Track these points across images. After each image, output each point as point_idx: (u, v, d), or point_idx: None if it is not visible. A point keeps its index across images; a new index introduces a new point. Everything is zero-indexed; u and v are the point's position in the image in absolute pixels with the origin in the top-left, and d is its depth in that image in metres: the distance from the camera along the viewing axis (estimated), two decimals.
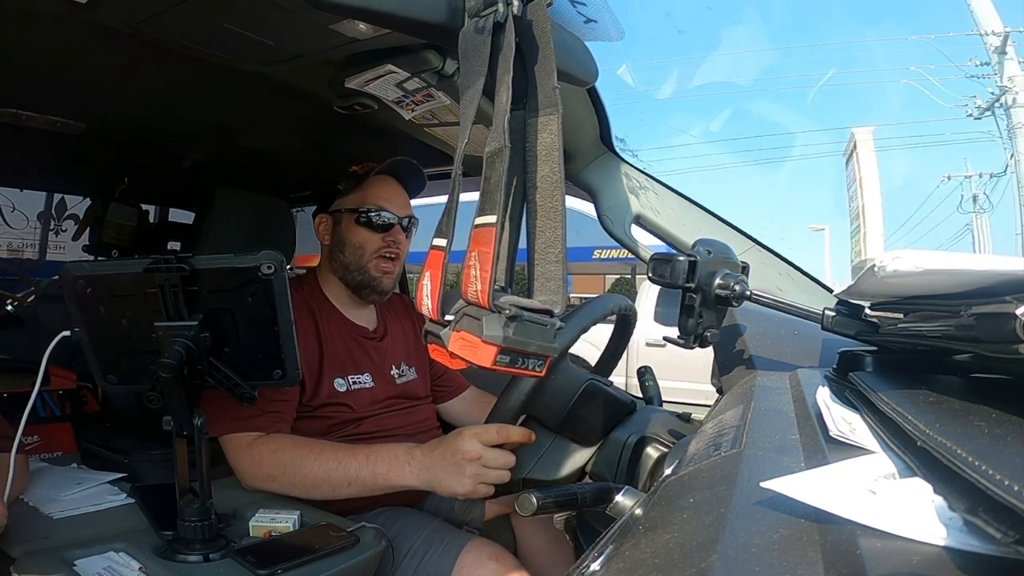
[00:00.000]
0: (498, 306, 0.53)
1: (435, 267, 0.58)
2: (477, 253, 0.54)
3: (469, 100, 0.59)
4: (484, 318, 0.53)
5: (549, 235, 0.58)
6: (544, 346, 0.55)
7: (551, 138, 0.59)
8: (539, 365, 0.56)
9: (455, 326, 0.56)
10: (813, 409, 0.55)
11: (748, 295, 0.79)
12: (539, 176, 0.59)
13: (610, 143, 1.30)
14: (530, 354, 0.55)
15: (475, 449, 0.90)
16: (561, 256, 0.57)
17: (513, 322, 0.53)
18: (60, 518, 0.90)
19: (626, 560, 0.38)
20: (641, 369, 1.17)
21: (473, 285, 0.54)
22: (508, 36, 0.59)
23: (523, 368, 0.55)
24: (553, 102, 0.59)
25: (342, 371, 1.20)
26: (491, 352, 0.53)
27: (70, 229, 2.16)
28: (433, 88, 1.03)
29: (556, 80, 0.60)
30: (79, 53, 0.99)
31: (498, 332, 0.52)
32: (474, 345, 0.54)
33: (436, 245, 0.58)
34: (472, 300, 0.55)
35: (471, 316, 0.55)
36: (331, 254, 1.28)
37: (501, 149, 0.55)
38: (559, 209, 0.58)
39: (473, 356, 0.54)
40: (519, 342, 0.53)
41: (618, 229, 1.26)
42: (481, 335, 0.53)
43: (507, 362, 0.54)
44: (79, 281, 0.81)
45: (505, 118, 0.56)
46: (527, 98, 0.61)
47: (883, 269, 0.42)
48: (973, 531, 0.27)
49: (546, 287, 0.57)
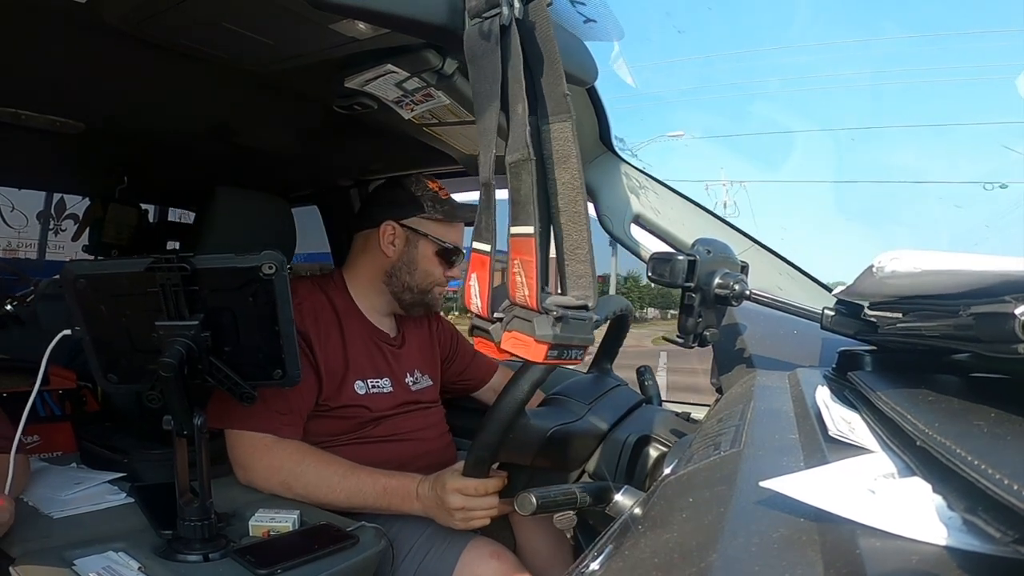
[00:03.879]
0: (546, 308, 0.59)
1: (481, 269, 0.64)
2: (520, 261, 0.60)
3: (487, 107, 0.62)
4: (535, 320, 0.59)
5: (576, 237, 0.62)
6: (584, 338, 0.60)
7: (567, 146, 0.62)
8: (579, 354, 0.62)
9: (507, 326, 0.62)
10: (812, 408, 0.55)
11: (748, 294, 0.79)
12: (560, 183, 0.63)
13: (610, 143, 1.30)
14: (573, 347, 0.60)
15: (457, 502, 0.95)
16: (589, 255, 0.62)
17: (560, 322, 0.58)
18: (60, 517, 0.90)
19: (626, 559, 0.38)
20: (641, 369, 1.17)
21: (520, 291, 0.60)
22: (514, 41, 0.61)
23: (567, 359, 0.61)
24: (565, 108, 0.62)
25: (363, 374, 1.20)
26: (543, 349, 0.59)
27: (70, 229, 2.16)
28: (433, 88, 1.03)
29: (566, 86, 0.62)
30: (79, 53, 0.99)
31: (548, 331, 0.59)
32: (527, 344, 0.60)
33: (479, 249, 0.64)
34: (520, 303, 0.61)
35: (521, 318, 0.61)
36: (393, 268, 1.25)
37: (526, 160, 0.59)
38: (582, 213, 0.62)
39: (526, 353, 0.60)
40: (566, 338, 0.59)
41: (618, 229, 1.26)
42: (534, 335, 0.59)
43: (555, 356, 0.60)
44: (80, 280, 0.81)
45: (525, 130, 0.60)
46: (537, 103, 0.64)
47: (881, 270, 0.42)
48: (972, 530, 0.27)
49: (579, 284, 0.62)
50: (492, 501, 0.95)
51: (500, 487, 0.95)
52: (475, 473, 0.91)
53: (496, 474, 0.95)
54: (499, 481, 0.95)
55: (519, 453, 0.89)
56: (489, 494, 0.95)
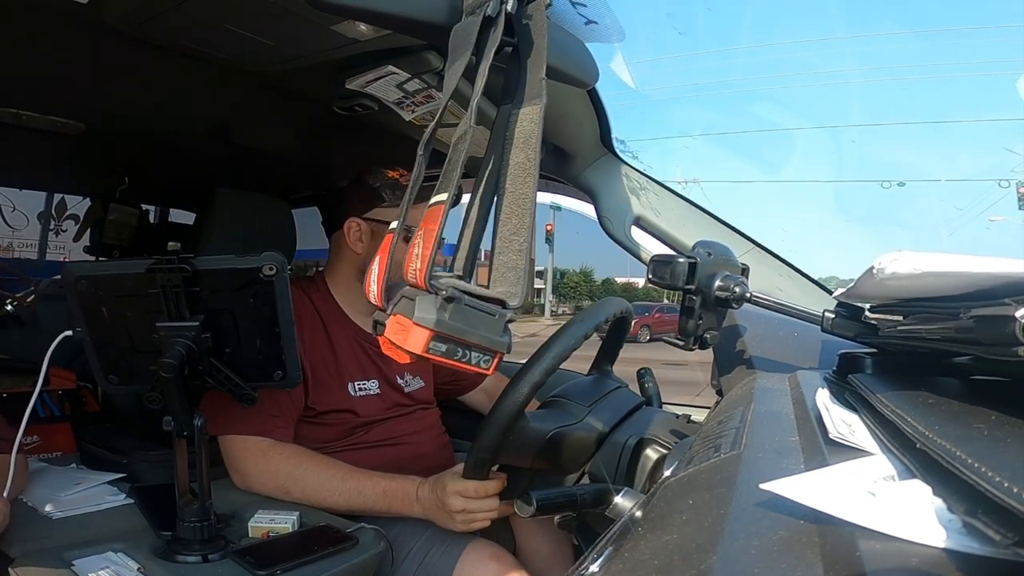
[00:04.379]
0: (435, 287, 0.48)
1: (384, 251, 0.54)
2: (424, 231, 0.50)
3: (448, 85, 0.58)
4: (418, 299, 0.49)
5: (515, 223, 0.54)
6: (489, 338, 0.50)
7: (531, 126, 0.57)
8: (485, 361, 0.51)
9: (392, 309, 0.52)
10: (813, 411, 0.55)
11: (748, 297, 0.79)
12: (513, 162, 0.56)
13: (610, 144, 1.30)
14: (472, 345, 0.50)
15: (458, 504, 0.95)
16: (525, 246, 0.54)
17: (450, 304, 0.48)
18: (59, 518, 0.90)
19: (625, 561, 0.38)
20: (641, 370, 1.17)
21: (413, 264, 0.50)
22: (497, 30, 0.57)
23: (464, 362, 0.50)
24: (538, 92, 0.58)
25: (350, 377, 1.20)
26: (423, 336, 0.48)
27: (70, 229, 2.16)
28: (434, 89, 1.03)
29: (544, 72, 0.58)
30: (80, 53, 0.99)
31: (431, 314, 0.48)
32: (406, 329, 0.49)
33: (390, 228, 0.55)
34: (411, 280, 0.50)
35: (408, 298, 0.51)
36: (364, 264, 1.22)
37: (466, 132, 0.53)
38: (529, 197, 0.55)
39: (405, 342, 0.49)
40: (456, 329, 0.48)
41: (618, 231, 1.26)
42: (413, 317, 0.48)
43: (443, 351, 0.49)
44: (81, 281, 0.81)
45: (475, 102, 0.54)
46: (519, 91, 0.60)
47: (882, 271, 0.42)
48: (972, 533, 0.27)
49: (506, 277, 0.53)
50: (492, 503, 0.95)
51: (500, 489, 0.95)
52: (475, 475, 0.91)
53: (496, 476, 0.95)
54: (499, 483, 0.95)
55: (519, 455, 0.89)
56: (489, 496, 0.94)
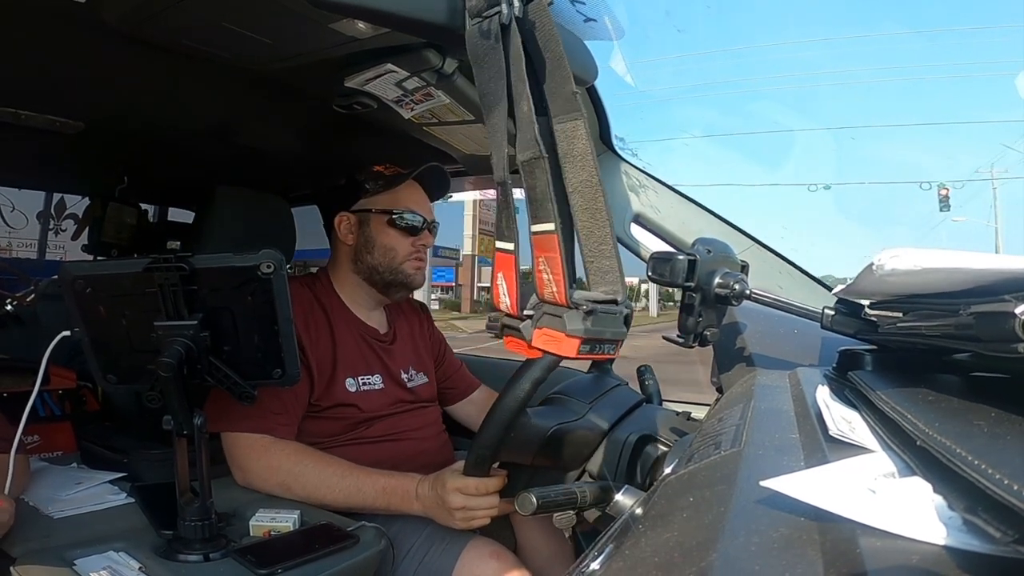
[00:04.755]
0: (575, 303, 0.60)
1: (507, 268, 0.65)
2: (545, 259, 0.61)
3: (495, 107, 0.62)
4: (565, 315, 0.60)
5: (599, 234, 0.63)
6: (616, 331, 0.61)
7: (582, 144, 0.62)
8: (612, 348, 0.63)
9: (537, 323, 0.63)
10: (813, 408, 0.55)
11: (748, 294, 0.79)
12: (578, 181, 0.63)
13: (610, 142, 1.30)
14: (605, 340, 0.61)
15: (458, 501, 0.95)
16: (614, 251, 0.63)
17: (590, 316, 0.59)
18: (60, 517, 0.90)
19: (626, 559, 0.38)
20: (641, 368, 1.17)
21: (548, 287, 0.61)
22: (515, 40, 0.61)
23: (600, 353, 0.62)
24: (576, 107, 0.62)
25: (353, 371, 1.20)
26: (575, 344, 0.60)
27: (70, 229, 2.15)
28: (432, 87, 1.03)
29: (574, 84, 0.62)
30: (79, 52, 0.99)
31: (579, 326, 0.59)
32: (558, 339, 0.61)
33: (503, 248, 0.65)
34: (549, 300, 0.62)
35: (551, 314, 0.62)
36: (356, 254, 1.26)
37: (539, 158, 0.60)
38: (603, 210, 0.63)
39: (559, 348, 0.61)
40: (597, 332, 0.60)
41: (618, 228, 1.26)
42: (565, 330, 0.60)
43: (587, 350, 0.60)
44: (79, 281, 0.81)
45: (534, 128, 0.60)
46: (546, 103, 0.64)
47: (881, 268, 0.42)
48: (972, 530, 0.27)
49: (605, 279, 0.63)
50: (492, 500, 0.95)
51: (501, 486, 0.95)
52: (476, 472, 0.91)
53: (496, 473, 0.95)
54: (499, 480, 0.95)
55: (520, 452, 0.89)
56: (490, 493, 0.94)
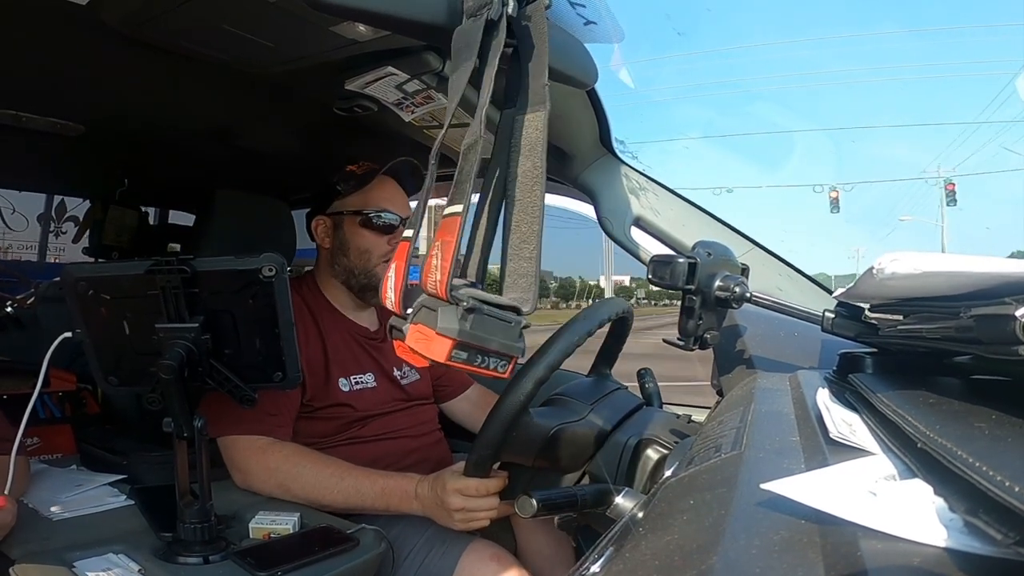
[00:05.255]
0: (455, 297, 0.51)
1: (400, 258, 0.56)
2: (440, 243, 0.52)
3: (454, 92, 0.58)
4: (440, 309, 0.51)
5: (525, 230, 0.56)
6: (507, 344, 0.53)
7: (536, 133, 0.58)
8: (502, 366, 0.54)
9: (412, 318, 0.54)
10: (813, 411, 0.55)
11: (748, 297, 0.79)
12: (520, 170, 0.57)
13: (610, 145, 1.30)
14: (491, 352, 0.52)
15: (457, 503, 0.94)
16: (535, 253, 0.55)
17: (471, 315, 0.50)
18: (60, 519, 0.90)
19: (626, 562, 0.38)
20: (641, 371, 1.17)
21: (432, 275, 0.52)
22: (500, 34, 0.58)
23: (483, 367, 0.53)
24: (542, 98, 0.59)
25: (345, 371, 1.20)
26: (446, 346, 0.51)
27: (70, 231, 2.16)
28: (433, 90, 1.03)
29: (547, 78, 0.59)
30: (79, 55, 0.99)
31: (453, 324, 0.50)
32: (429, 338, 0.52)
33: (405, 236, 0.57)
34: (431, 291, 0.52)
35: (428, 308, 0.53)
36: (332, 257, 1.26)
37: (476, 141, 0.54)
38: (538, 205, 0.56)
39: (428, 350, 0.52)
40: (477, 337, 0.51)
41: (618, 231, 1.26)
42: (436, 327, 0.51)
43: (464, 359, 0.51)
44: (81, 283, 0.81)
45: (483, 111, 0.55)
46: (519, 94, 0.61)
47: (882, 271, 0.42)
48: (973, 532, 0.27)
49: (517, 284, 0.55)
50: (492, 502, 0.95)
51: (501, 487, 0.95)
52: (476, 473, 0.91)
53: (497, 474, 0.95)
54: (500, 481, 0.94)
55: (521, 452, 0.89)
56: (490, 495, 0.94)
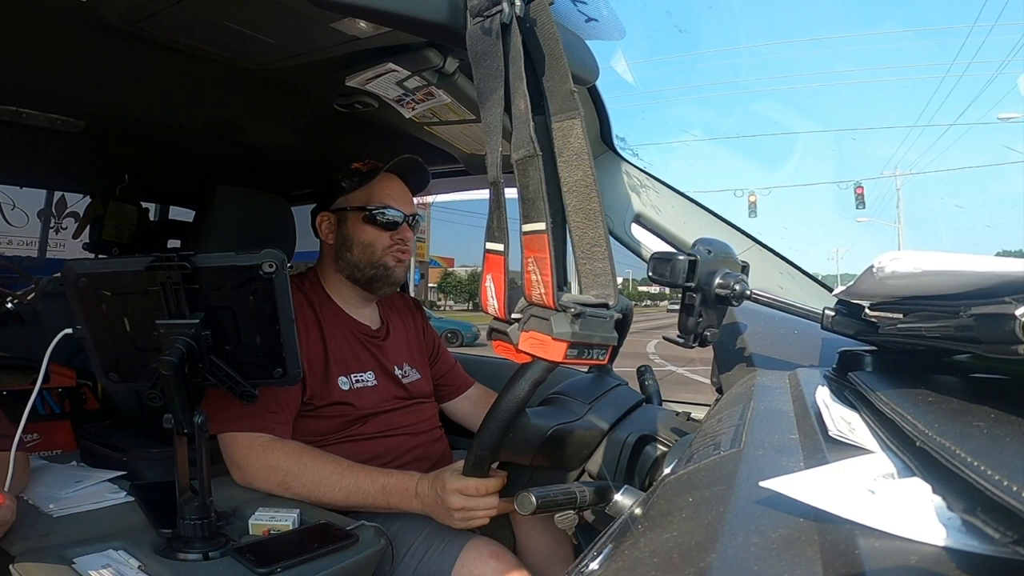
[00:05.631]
0: (563, 305, 0.58)
1: (496, 270, 0.63)
2: (534, 259, 0.60)
3: (492, 105, 0.62)
4: (552, 318, 0.59)
5: (592, 235, 0.61)
6: (606, 336, 0.60)
7: (578, 143, 0.62)
8: (602, 354, 0.61)
9: (524, 326, 0.62)
10: (812, 409, 0.55)
11: (748, 294, 0.79)
12: (573, 180, 0.62)
13: (610, 142, 1.30)
14: (594, 345, 0.60)
15: (457, 502, 0.94)
16: (607, 253, 0.61)
17: (578, 319, 0.58)
18: (60, 516, 0.90)
19: (625, 559, 0.38)
20: (641, 368, 1.17)
21: (536, 289, 0.60)
22: (515, 39, 0.60)
23: (589, 358, 0.60)
24: (573, 106, 0.62)
25: (345, 369, 1.20)
26: (562, 348, 0.58)
27: (70, 227, 2.16)
28: (433, 86, 1.03)
29: (572, 83, 0.62)
30: (80, 51, 0.99)
31: (566, 329, 0.58)
32: (544, 343, 0.59)
33: (492, 249, 0.64)
34: (537, 302, 0.60)
35: (538, 317, 0.60)
36: (336, 253, 1.27)
37: (532, 156, 0.59)
38: (597, 211, 0.61)
39: (545, 352, 0.59)
40: (585, 336, 0.59)
41: (619, 228, 1.26)
42: (552, 333, 0.58)
43: (575, 355, 0.59)
44: (81, 279, 0.81)
45: (530, 126, 0.59)
46: (544, 102, 0.63)
47: (882, 270, 0.42)
48: (972, 531, 0.27)
49: (597, 282, 0.61)
50: (492, 501, 0.95)
51: (500, 487, 0.95)
52: (475, 473, 0.91)
53: (496, 474, 0.95)
54: (499, 481, 0.95)
55: (519, 452, 0.89)
56: (489, 494, 0.94)
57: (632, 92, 23.83)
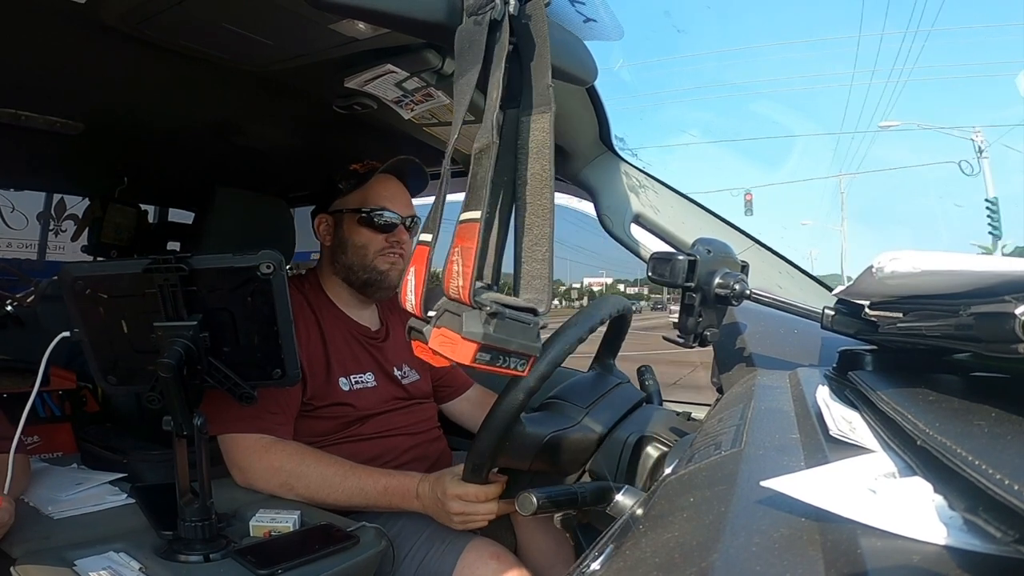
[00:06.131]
0: (479, 303, 0.52)
1: (420, 262, 0.58)
2: (460, 249, 0.54)
3: (462, 95, 0.59)
4: (464, 314, 0.53)
5: (537, 232, 0.57)
6: (526, 345, 0.54)
7: (543, 135, 0.58)
8: (521, 365, 0.55)
9: (436, 322, 0.56)
10: (813, 408, 0.55)
11: (748, 294, 0.79)
12: (529, 173, 0.58)
13: (609, 142, 1.30)
14: (511, 352, 0.54)
15: (457, 507, 0.95)
16: (548, 255, 0.57)
17: (494, 319, 0.52)
18: (60, 518, 0.90)
19: (626, 559, 0.38)
20: (641, 368, 1.17)
21: (455, 281, 0.54)
22: (503, 34, 0.59)
23: (505, 367, 0.54)
24: (547, 100, 0.59)
25: (345, 371, 1.20)
26: (471, 349, 0.53)
27: (69, 230, 2.16)
28: (432, 88, 1.03)
29: (550, 78, 0.59)
30: (78, 53, 0.99)
31: (478, 329, 0.52)
32: (454, 342, 0.54)
33: (422, 240, 0.58)
34: (454, 296, 0.54)
35: (452, 312, 0.55)
36: (333, 255, 1.27)
37: (488, 146, 0.55)
38: (548, 207, 0.57)
39: (453, 353, 0.54)
40: (500, 340, 0.53)
41: (618, 228, 1.26)
42: (461, 332, 0.53)
43: (488, 360, 0.53)
44: (78, 282, 0.81)
45: (494, 115, 0.55)
46: (521, 96, 0.61)
47: (881, 270, 0.42)
48: (973, 530, 0.27)
49: (532, 285, 0.57)
50: (491, 507, 0.95)
51: (500, 492, 0.95)
52: (474, 479, 0.91)
53: (496, 478, 0.95)
54: (499, 487, 0.95)
55: (516, 459, 0.89)
56: (489, 500, 0.95)
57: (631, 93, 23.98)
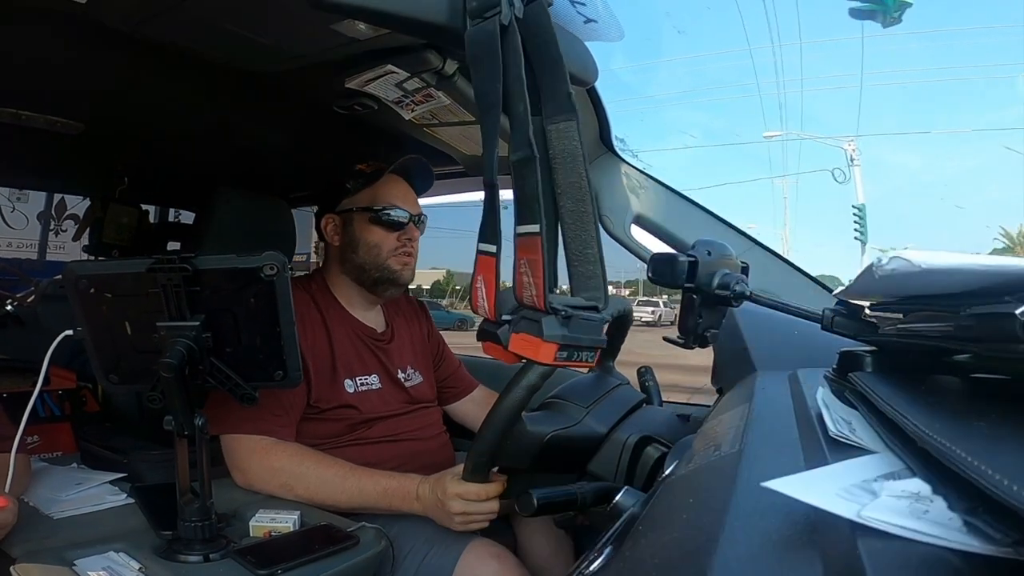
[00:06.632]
0: (554, 308, 0.59)
1: (488, 272, 0.64)
2: (527, 261, 0.60)
3: (488, 107, 0.62)
4: (543, 320, 0.59)
5: (584, 237, 0.62)
6: (594, 339, 0.61)
7: (572, 145, 0.62)
8: (591, 356, 0.62)
9: (514, 328, 0.62)
10: (813, 409, 0.55)
11: (748, 295, 0.79)
12: (566, 183, 0.62)
13: (610, 143, 1.30)
14: (583, 348, 0.60)
15: (457, 507, 0.94)
16: (598, 256, 0.62)
17: (568, 321, 0.59)
18: (60, 518, 0.90)
19: (626, 560, 0.38)
20: (641, 369, 1.17)
21: (528, 290, 0.60)
22: (514, 41, 0.60)
23: (578, 361, 0.61)
24: (569, 108, 0.62)
25: (351, 372, 1.20)
26: (552, 350, 0.59)
27: (70, 229, 2.16)
28: (433, 88, 1.03)
29: (569, 85, 0.62)
30: (79, 53, 0.99)
31: (557, 331, 0.59)
32: (535, 345, 0.60)
33: (485, 251, 0.64)
34: (528, 304, 0.61)
35: (529, 319, 0.61)
36: (342, 255, 1.26)
37: (530, 159, 0.59)
38: (589, 213, 0.62)
39: (535, 354, 0.60)
40: (574, 339, 0.59)
41: (618, 229, 1.26)
42: (542, 336, 0.59)
43: (565, 357, 0.60)
44: (82, 281, 0.81)
45: (528, 128, 0.59)
46: (541, 103, 0.63)
47: (880, 269, 0.42)
48: (973, 532, 0.27)
49: (588, 285, 0.62)
50: (492, 506, 0.95)
51: (500, 491, 0.95)
52: (474, 478, 0.91)
53: (496, 478, 0.95)
54: (499, 486, 0.95)
55: (517, 458, 0.89)
56: (490, 499, 0.95)
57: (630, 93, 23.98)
